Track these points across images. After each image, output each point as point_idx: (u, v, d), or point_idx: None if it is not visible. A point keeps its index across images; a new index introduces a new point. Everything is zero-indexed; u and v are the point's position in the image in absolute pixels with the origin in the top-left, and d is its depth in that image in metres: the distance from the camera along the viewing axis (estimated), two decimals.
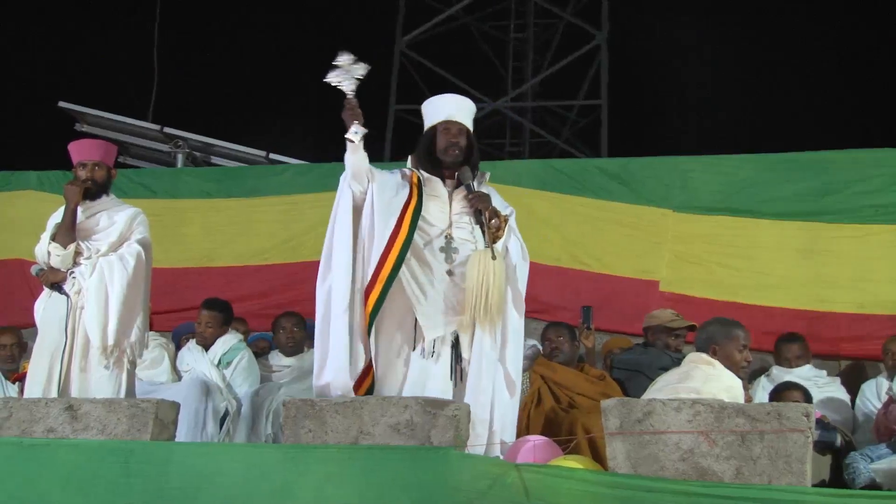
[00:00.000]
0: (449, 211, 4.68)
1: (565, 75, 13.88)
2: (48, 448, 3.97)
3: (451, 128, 4.75)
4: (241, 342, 6.39)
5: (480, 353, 4.51)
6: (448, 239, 4.62)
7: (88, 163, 5.23)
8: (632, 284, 7.35)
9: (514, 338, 4.63)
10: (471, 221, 4.65)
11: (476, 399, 4.40)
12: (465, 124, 4.78)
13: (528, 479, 3.49)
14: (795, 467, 3.42)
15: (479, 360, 4.50)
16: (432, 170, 4.73)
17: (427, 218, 4.64)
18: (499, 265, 4.48)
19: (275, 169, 8.85)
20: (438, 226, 4.65)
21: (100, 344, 4.99)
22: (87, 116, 9.81)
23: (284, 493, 3.68)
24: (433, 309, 4.54)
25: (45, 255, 5.09)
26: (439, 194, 4.70)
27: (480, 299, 4.42)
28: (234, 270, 7.99)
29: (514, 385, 4.62)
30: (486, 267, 4.45)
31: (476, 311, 4.44)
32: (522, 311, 4.70)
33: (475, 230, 4.64)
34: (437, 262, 4.60)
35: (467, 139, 4.77)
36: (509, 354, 4.61)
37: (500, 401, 4.53)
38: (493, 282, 4.43)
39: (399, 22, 13.77)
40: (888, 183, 7.14)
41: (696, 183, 7.50)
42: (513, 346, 4.63)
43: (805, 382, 5.94)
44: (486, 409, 4.44)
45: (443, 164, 4.73)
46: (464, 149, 4.74)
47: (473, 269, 4.47)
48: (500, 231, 4.59)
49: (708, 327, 4.56)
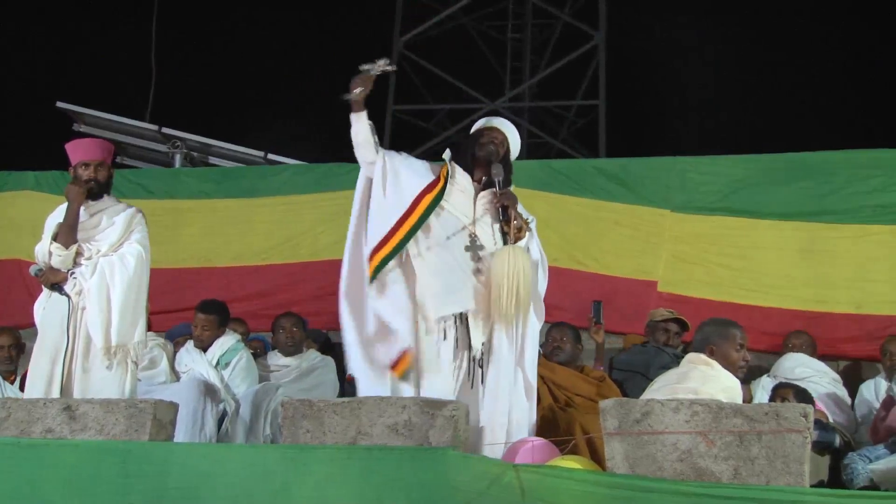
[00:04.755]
0: (473, 208, 4.76)
1: (563, 75, 13.89)
2: (46, 448, 3.96)
3: (497, 134, 4.92)
4: (239, 342, 6.39)
5: (500, 357, 4.56)
6: (473, 237, 4.68)
7: (91, 163, 5.20)
8: (630, 285, 7.35)
9: (532, 342, 4.71)
10: (491, 223, 4.72)
11: (495, 404, 4.47)
12: (508, 138, 4.94)
13: (526, 480, 3.48)
14: (793, 468, 3.41)
15: (500, 365, 4.55)
16: (466, 166, 4.85)
17: (450, 208, 4.72)
18: (527, 261, 4.56)
19: (273, 169, 8.85)
20: (462, 219, 4.72)
21: (103, 344, 4.98)
22: (85, 117, 9.81)
23: (283, 494, 3.67)
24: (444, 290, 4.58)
25: (46, 256, 5.07)
26: (466, 190, 4.80)
27: (512, 292, 4.47)
28: (232, 271, 7.99)
29: (532, 389, 4.69)
30: (517, 261, 4.51)
31: (507, 304, 4.48)
32: (542, 318, 4.78)
33: (496, 233, 4.71)
34: (461, 256, 4.64)
35: (505, 151, 4.91)
36: (528, 359, 4.67)
37: (519, 405, 4.59)
38: (522, 276, 4.49)
39: (397, 22, 13.77)
40: (887, 183, 7.15)
41: (694, 183, 7.50)
42: (531, 350, 4.70)
43: (815, 374, 6.00)
44: (504, 414, 4.50)
45: (478, 161, 4.84)
46: (500, 153, 4.86)
47: (504, 263, 4.52)
48: (522, 232, 4.67)
49: (704, 328, 4.56)
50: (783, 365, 6.36)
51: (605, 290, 7.26)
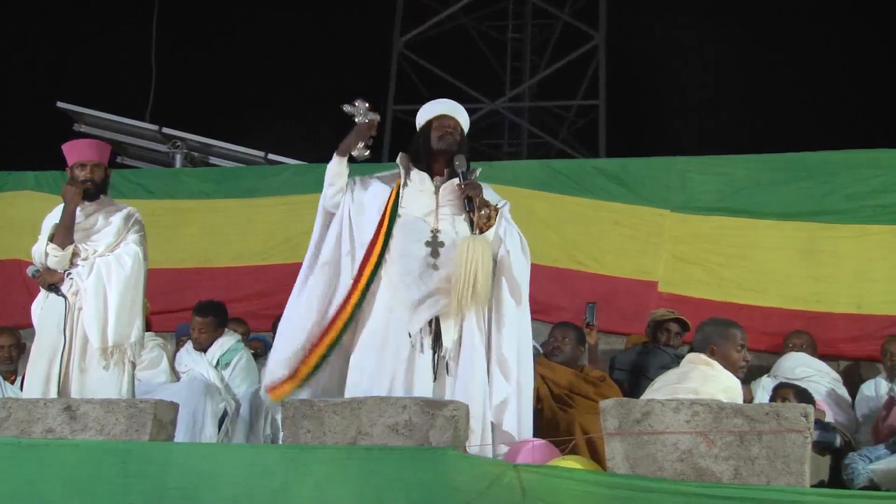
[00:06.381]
0: (436, 206, 4.66)
1: (563, 76, 13.90)
2: (46, 448, 3.96)
3: (446, 121, 4.80)
4: (238, 343, 6.40)
5: (471, 346, 4.48)
6: (434, 233, 4.59)
7: (88, 163, 5.19)
8: (630, 285, 7.35)
9: (510, 325, 4.57)
10: (453, 214, 4.63)
11: (466, 393, 4.36)
12: (459, 122, 4.82)
13: (527, 479, 3.48)
14: (794, 468, 3.41)
15: (468, 354, 4.47)
16: (423, 165, 4.75)
17: (411, 212, 4.63)
18: (486, 250, 4.46)
19: (273, 169, 8.85)
20: (424, 220, 4.63)
21: (99, 345, 4.98)
22: (86, 117, 9.82)
23: (283, 494, 3.67)
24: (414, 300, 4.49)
25: (43, 256, 5.06)
26: (426, 189, 4.70)
27: (469, 283, 4.39)
28: (232, 271, 7.99)
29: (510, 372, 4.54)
30: (475, 252, 4.42)
31: (463, 295, 4.40)
32: (522, 302, 4.64)
33: (457, 225, 4.62)
34: (421, 256, 4.55)
35: (461, 136, 4.79)
36: (504, 340, 4.55)
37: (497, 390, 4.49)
38: (480, 266, 4.40)
39: (397, 22, 13.77)
40: (887, 183, 7.15)
41: (694, 183, 7.50)
42: (508, 332, 4.56)
43: (815, 374, 5.99)
44: (478, 403, 4.37)
45: (436, 156, 4.74)
46: (458, 141, 4.75)
47: (462, 254, 4.44)
48: (491, 220, 4.56)
49: (705, 328, 4.56)
50: (783, 365, 6.36)
51: (605, 291, 7.27)
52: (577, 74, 13.84)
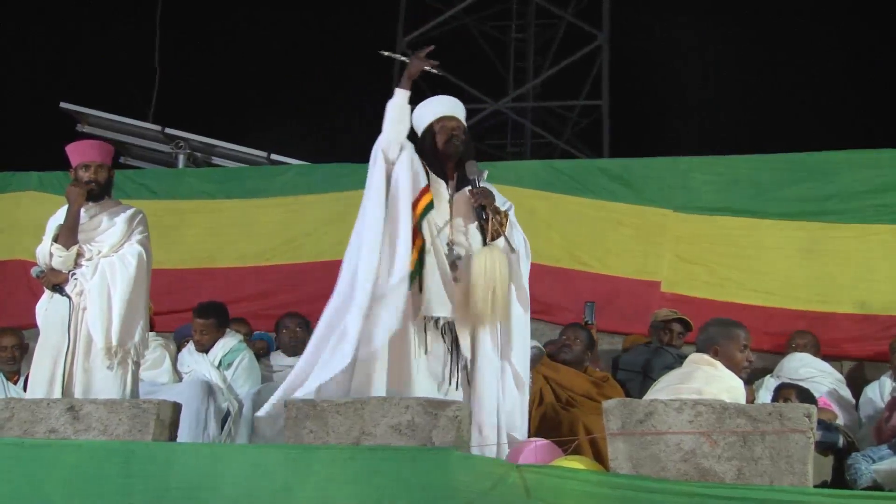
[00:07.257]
0: (450, 215, 4.61)
1: (566, 76, 13.88)
2: (50, 449, 3.97)
3: (448, 123, 4.70)
4: (241, 343, 6.40)
5: (484, 356, 4.49)
6: (450, 246, 4.55)
7: (92, 164, 5.20)
8: (633, 285, 7.35)
9: (519, 333, 4.60)
10: (469, 224, 4.58)
11: (482, 403, 4.39)
12: (461, 121, 4.75)
13: (530, 480, 3.49)
14: (797, 468, 3.42)
15: (484, 365, 4.48)
16: (436, 167, 4.66)
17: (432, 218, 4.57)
18: (503, 262, 4.43)
19: (276, 170, 8.85)
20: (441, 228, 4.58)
21: (104, 345, 4.98)
22: (89, 117, 9.81)
23: (286, 494, 3.68)
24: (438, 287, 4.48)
25: (47, 257, 5.07)
26: (442, 198, 4.63)
27: (488, 295, 4.36)
28: (235, 271, 8.00)
29: (521, 381, 4.59)
30: (493, 263, 4.39)
31: (482, 308, 4.38)
32: (527, 307, 4.65)
33: (470, 236, 4.57)
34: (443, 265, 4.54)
35: (465, 135, 4.72)
36: (515, 350, 4.57)
37: (509, 398, 4.52)
38: (498, 279, 4.38)
39: (400, 22, 13.75)
40: (888, 183, 7.15)
41: (697, 183, 7.50)
42: (518, 342, 4.59)
43: (819, 374, 5.99)
44: (493, 414, 4.42)
45: (445, 160, 4.66)
46: (463, 141, 4.68)
47: (480, 265, 4.39)
48: (503, 227, 4.52)
49: (708, 328, 4.55)
50: (787, 365, 6.36)
51: (608, 291, 7.27)
52: (580, 75, 13.83)
